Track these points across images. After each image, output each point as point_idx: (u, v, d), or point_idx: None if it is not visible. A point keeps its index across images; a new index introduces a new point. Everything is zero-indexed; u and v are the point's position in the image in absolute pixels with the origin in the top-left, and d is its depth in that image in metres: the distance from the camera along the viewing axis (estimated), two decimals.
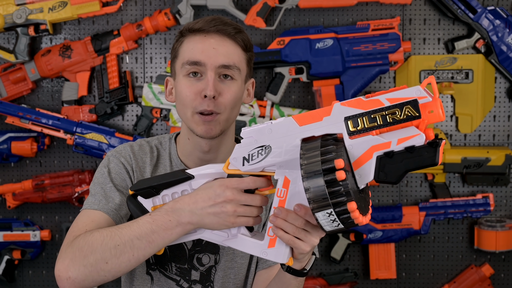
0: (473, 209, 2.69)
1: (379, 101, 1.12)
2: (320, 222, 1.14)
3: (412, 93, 1.11)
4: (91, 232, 1.33)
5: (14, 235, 2.74)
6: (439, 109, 1.10)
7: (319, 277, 2.77)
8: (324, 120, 1.17)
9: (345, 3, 2.62)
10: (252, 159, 1.23)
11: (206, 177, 1.31)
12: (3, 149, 2.72)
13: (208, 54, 1.44)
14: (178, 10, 2.59)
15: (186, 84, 1.46)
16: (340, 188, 1.11)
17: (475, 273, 2.75)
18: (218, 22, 1.46)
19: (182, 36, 1.50)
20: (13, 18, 2.62)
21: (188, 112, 1.46)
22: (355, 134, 1.14)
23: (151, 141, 1.59)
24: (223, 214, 1.25)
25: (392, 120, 1.11)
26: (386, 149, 1.11)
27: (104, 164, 1.53)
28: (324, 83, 2.62)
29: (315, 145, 1.14)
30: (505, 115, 2.75)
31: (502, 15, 2.63)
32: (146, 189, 1.33)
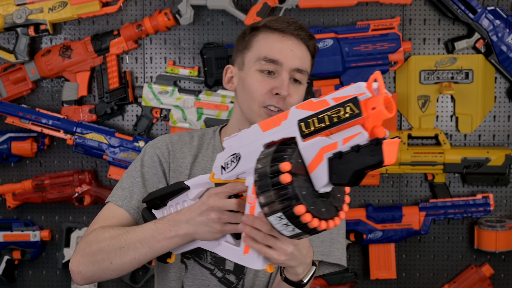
0: (473, 209, 2.69)
1: (326, 101, 1.10)
2: (275, 227, 1.13)
3: (353, 91, 1.07)
4: (103, 230, 1.43)
5: (14, 235, 2.74)
6: (381, 105, 1.03)
7: (319, 277, 2.77)
8: (282, 125, 1.17)
9: (345, 3, 2.62)
10: (227, 167, 1.26)
11: (199, 187, 1.36)
12: (3, 149, 2.72)
13: (286, 54, 1.49)
14: (178, 10, 2.59)
15: (259, 79, 1.50)
16: (286, 191, 1.09)
17: (475, 273, 2.75)
18: (297, 26, 1.51)
19: (257, 30, 1.53)
20: (13, 18, 2.62)
21: (255, 105, 1.50)
22: (308, 137, 1.11)
23: (193, 132, 1.63)
24: (210, 222, 1.28)
25: (337, 119, 1.07)
26: (334, 150, 1.08)
27: (141, 155, 1.58)
28: (324, 83, 2.62)
29: (270, 150, 1.14)
30: (505, 115, 2.75)
31: (502, 15, 2.63)
32: (152, 201, 1.40)
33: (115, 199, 1.52)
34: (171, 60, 2.72)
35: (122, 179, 1.56)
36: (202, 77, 2.68)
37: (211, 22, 2.72)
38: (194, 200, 1.39)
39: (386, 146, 1.04)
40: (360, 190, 2.78)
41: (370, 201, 2.78)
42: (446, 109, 2.74)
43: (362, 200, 2.78)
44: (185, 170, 1.56)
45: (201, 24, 2.72)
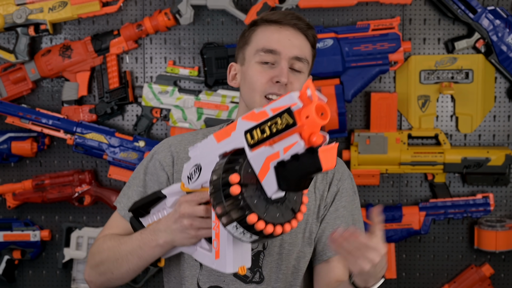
0: (473, 209, 2.69)
1: (265, 112, 1.14)
2: (234, 235, 1.19)
3: (287, 101, 1.11)
4: (103, 242, 1.54)
5: (14, 235, 2.74)
6: (313, 113, 1.08)
7: None
8: (232, 136, 1.21)
9: (345, 3, 2.62)
10: (192, 177, 1.32)
11: (174, 195, 1.42)
12: (3, 149, 2.71)
13: (284, 44, 1.51)
14: (178, 10, 2.59)
15: (259, 70, 1.52)
16: (238, 202, 1.14)
17: (475, 273, 2.75)
18: (294, 16, 1.53)
19: (256, 25, 1.56)
20: (13, 18, 2.62)
21: (257, 96, 1.52)
22: (254, 146, 1.15)
23: (198, 131, 1.66)
24: (183, 228, 1.35)
25: (276, 130, 1.11)
26: (277, 158, 1.13)
27: (145, 160, 1.62)
28: (324, 83, 2.62)
29: (222, 161, 1.19)
30: (505, 115, 2.75)
31: (502, 15, 2.63)
32: (137, 209, 1.49)
33: (120, 209, 1.60)
34: (171, 60, 2.72)
35: (129, 186, 1.62)
36: (202, 77, 2.68)
37: (211, 22, 2.72)
38: (171, 208, 1.44)
39: (322, 153, 1.10)
40: (360, 190, 2.77)
41: (370, 201, 2.78)
42: (446, 109, 2.74)
43: (362, 200, 2.78)
44: None
45: (201, 24, 2.72)
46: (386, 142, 2.67)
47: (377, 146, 2.66)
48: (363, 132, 2.68)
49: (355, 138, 2.67)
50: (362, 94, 2.74)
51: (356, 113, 2.76)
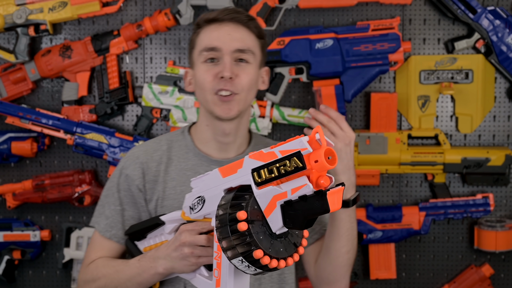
0: (473, 209, 2.69)
1: (274, 153, 1.20)
2: (239, 268, 1.23)
3: (296, 145, 1.17)
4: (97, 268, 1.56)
5: (14, 235, 2.74)
6: (322, 158, 1.14)
7: None
8: (238, 172, 1.26)
9: (345, 3, 2.62)
10: (194, 208, 1.37)
11: (173, 222, 1.47)
12: (3, 149, 2.72)
13: (224, 39, 1.52)
14: (178, 10, 2.59)
15: (204, 69, 1.55)
16: (244, 238, 1.20)
17: (475, 273, 2.75)
18: (231, 11, 1.55)
19: (198, 28, 1.58)
20: (13, 18, 2.62)
21: (208, 95, 1.54)
22: (261, 185, 1.20)
23: (159, 137, 1.66)
24: (184, 256, 1.39)
25: (284, 171, 1.16)
26: (284, 198, 1.18)
27: (115, 178, 1.62)
28: (324, 83, 2.62)
29: (229, 197, 1.24)
30: (505, 115, 2.75)
31: (502, 15, 2.63)
32: (134, 234, 1.53)
33: (102, 231, 1.60)
34: (171, 60, 2.72)
35: (103, 205, 1.62)
36: None
37: None
38: (170, 234, 1.49)
39: (330, 196, 1.16)
40: (360, 190, 2.78)
41: (370, 201, 2.78)
42: (446, 109, 2.74)
43: (362, 200, 2.78)
44: (161, 177, 1.60)
45: None
46: (386, 142, 2.67)
47: (377, 146, 2.66)
48: (363, 132, 2.68)
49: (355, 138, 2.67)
50: (362, 94, 2.74)
51: (356, 113, 2.76)
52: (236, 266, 1.23)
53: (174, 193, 1.59)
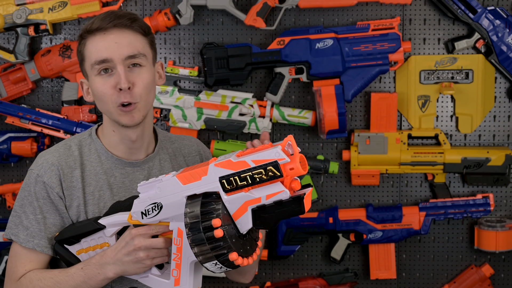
0: (473, 209, 2.68)
1: (246, 162, 1.27)
2: (209, 269, 1.32)
3: (272, 155, 1.25)
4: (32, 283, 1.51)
5: None
6: (298, 165, 1.24)
7: (319, 277, 2.77)
8: (202, 180, 1.32)
9: (345, 3, 2.62)
10: (148, 213, 1.41)
11: (115, 226, 1.50)
12: (3, 149, 2.71)
13: (112, 49, 1.51)
14: (178, 10, 2.59)
15: (100, 82, 1.53)
16: (220, 244, 1.27)
17: (475, 273, 2.75)
18: (112, 17, 1.52)
19: (83, 39, 1.55)
20: (13, 18, 2.62)
21: (110, 107, 1.54)
22: (230, 191, 1.29)
23: (67, 142, 1.64)
24: (139, 260, 1.43)
25: (259, 179, 1.25)
26: (258, 203, 1.27)
27: (30, 188, 1.57)
28: (324, 83, 2.62)
29: (196, 204, 1.30)
30: (505, 115, 2.75)
31: (502, 15, 2.63)
32: (67, 239, 1.53)
33: (24, 241, 1.55)
34: (171, 60, 2.72)
35: (19, 216, 1.58)
36: (202, 77, 2.68)
37: (211, 22, 2.72)
38: (111, 237, 1.51)
39: (305, 200, 1.27)
40: (360, 190, 2.78)
41: (370, 201, 2.78)
42: (446, 109, 2.74)
43: (362, 200, 2.78)
44: (77, 183, 1.58)
45: (201, 24, 2.72)
46: (386, 142, 2.67)
47: (377, 146, 2.66)
48: (363, 132, 2.68)
49: (355, 138, 2.67)
50: (362, 94, 2.74)
51: (356, 113, 2.75)
52: (206, 268, 1.31)
53: (93, 198, 1.58)
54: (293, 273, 2.82)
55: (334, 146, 2.77)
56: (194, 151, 1.76)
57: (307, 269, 2.82)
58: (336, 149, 2.77)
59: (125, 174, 1.61)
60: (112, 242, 1.52)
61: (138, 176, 1.62)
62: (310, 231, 2.72)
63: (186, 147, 1.76)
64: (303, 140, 2.77)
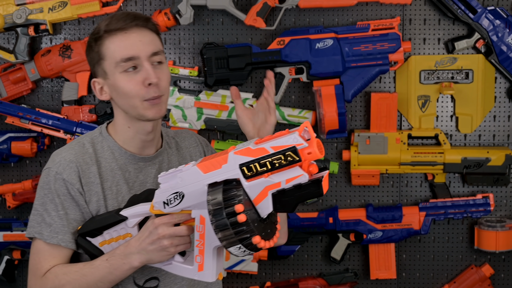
0: (473, 209, 2.68)
1: (265, 149, 1.32)
2: (233, 253, 1.37)
3: (290, 141, 1.30)
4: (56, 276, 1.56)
5: (14, 235, 2.74)
6: (315, 149, 1.29)
7: (319, 277, 2.77)
8: (223, 168, 1.37)
9: (345, 3, 2.62)
10: (170, 203, 1.46)
11: (137, 216, 1.55)
12: (3, 149, 2.71)
13: (138, 47, 1.58)
14: (178, 10, 2.59)
15: (126, 79, 1.59)
16: (243, 228, 1.32)
17: (475, 273, 2.75)
18: (131, 17, 1.60)
19: (100, 39, 1.60)
20: (13, 18, 2.62)
21: (136, 102, 1.60)
22: (250, 178, 1.34)
23: (81, 140, 1.69)
24: (163, 248, 1.48)
25: (278, 164, 1.30)
26: (278, 188, 1.32)
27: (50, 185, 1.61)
28: (324, 83, 2.62)
29: (218, 191, 1.35)
30: (505, 115, 2.75)
31: (502, 15, 2.63)
32: (90, 232, 1.58)
33: (48, 238, 1.59)
34: (171, 60, 2.72)
35: (41, 214, 1.62)
36: (202, 77, 2.68)
37: (211, 22, 2.72)
38: (133, 228, 1.56)
39: (323, 182, 1.32)
40: (360, 190, 2.78)
41: (370, 201, 2.78)
42: (446, 109, 2.74)
43: (362, 200, 2.78)
44: (95, 179, 1.63)
45: (201, 24, 2.72)
46: (386, 142, 2.67)
47: (377, 146, 2.66)
48: (363, 132, 2.68)
49: (355, 138, 2.67)
50: (362, 94, 2.74)
51: (356, 113, 2.75)
52: (230, 252, 1.35)
53: (111, 193, 1.64)
54: (293, 273, 2.82)
55: (334, 146, 2.77)
56: (194, 142, 1.85)
57: (307, 269, 2.82)
58: (336, 149, 2.77)
59: (138, 169, 1.67)
60: (134, 233, 1.56)
61: (150, 170, 1.68)
62: (310, 231, 2.72)
63: (185, 139, 1.84)
64: None
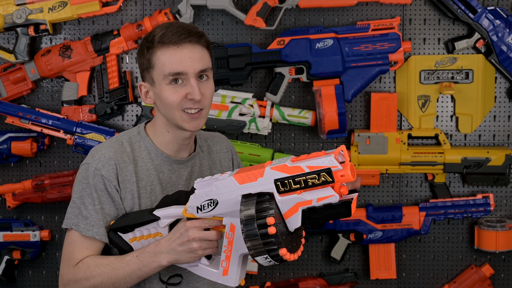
0: (473, 209, 2.68)
1: (301, 167, 1.41)
2: (259, 262, 1.44)
3: (326, 162, 1.39)
4: (88, 268, 1.63)
5: (14, 235, 2.74)
6: (348, 172, 1.38)
7: (319, 277, 2.77)
8: (258, 181, 1.45)
9: (345, 3, 2.62)
10: (203, 209, 1.54)
11: (169, 217, 1.62)
12: (3, 149, 2.71)
13: (187, 64, 1.64)
14: (178, 10, 2.59)
15: (171, 91, 1.65)
16: (272, 240, 1.39)
17: (475, 273, 2.75)
18: (185, 32, 1.65)
19: (152, 48, 1.66)
20: (13, 18, 2.62)
21: (176, 113, 1.66)
22: (283, 193, 1.42)
23: (119, 138, 1.75)
24: (192, 250, 1.56)
25: (312, 183, 1.39)
26: (308, 205, 1.41)
27: (89, 180, 1.68)
28: (324, 83, 2.62)
29: (251, 202, 1.43)
30: (505, 115, 2.74)
31: (502, 15, 2.63)
32: (122, 227, 1.65)
33: (84, 230, 1.66)
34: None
35: (79, 207, 1.69)
36: None
37: (211, 22, 2.72)
38: (164, 228, 1.63)
39: (352, 204, 1.41)
40: (360, 190, 2.78)
41: (370, 201, 2.78)
42: (446, 109, 2.74)
43: (362, 200, 2.78)
44: (131, 177, 1.69)
45: (201, 24, 2.72)
46: (386, 142, 2.67)
47: (377, 146, 2.66)
48: (363, 132, 2.68)
49: (355, 138, 2.67)
50: (362, 94, 2.74)
51: (356, 113, 2.75)
52: (257, 261, 1.42)
53: (145, 192, 1.70)
54: (293, 273, 2.82)
55: (334, 146, 2.76)
56: (225, 147, 1.91)
57: (307, 269, 2.82)
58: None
59: (171, 170, 1.74)
60: (164, 233, 1.63)
61: (183, 173, 1.75)
62: (310, 231, 2.72)
63: (217, 143, 1.90)
64: (303, 140, 2.77)
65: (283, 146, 2.77)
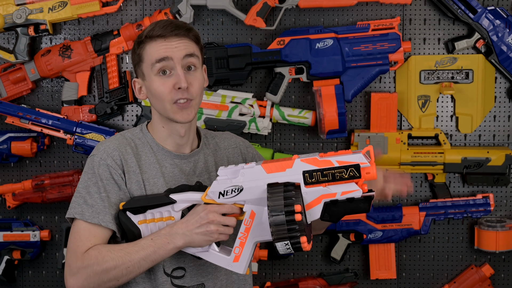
0: (473, 209, 2.68)
1: (331, 161, 1.50)
2: (278, 248, 1.48)
3: (356, 159, 1.49)
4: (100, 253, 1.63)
5: (14, 235, 2.74)
6: (374, 170, 1.50)
7: (319, 277, 2.77)
8: (286, 171, 1.53)
9: (345, 3, 2.62)
10: (226, 194, 1.59)
11: (186, 202, 1.65)
12: (3, 149, 2.71)
13: (172, 50, 1.68)
14: (178, 10, 2.59)
15: (159, 82, 1.69)
16: (296, 226, 1.45)
17: (475, 273, 2.75)
18: (173, 26, 1.70)
19: (143, 43, 1.71)
20: (13, 18, 2.62)
21: (166, 105, 1.70)
22: (309, 184, 1.51)
23: (123, 134, 1.79)
24: (208, 233, 1.59)
25: (339, 177, 1.49)
26: (332, 198, 1.50)
27: (94, 170, 1.71)
28: (324, 83, 2.62)
29: (279, 190, 1.49)
30: (505, 115, 2.75)
31: (502, 15, 2.63)
32: (134, 208, 1.65)
33: (89, 218, 1.67)
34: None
35: (83, 196, 1.69)
36: None
37: (211, 22, 2.72)
38: (177, 213, 1.66)
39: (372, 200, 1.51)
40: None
41: None
42: (446, 109, 2.74)
43: None
44: (136, 168, 1.72)
45: (201, 24, 2.72)
46: (386, 142, 2.67)
47: (377, 146, 2.66)
48: (363, 132, 2.68)
49: (355, 138, 2.67)
50: (362, 94, 2.74)
51: (356, 113, 2.75)
52: (277, 246, 1.47)
53: (149, 184, 1.72)
54: (293, 273, 2.82)
55: (334, 146, 2.77)
56: (233, 143, 1.93)
57: (307, 269, 2.82)
58: (336, 149, 2.76)
59: (174, 165, 1.76)
60: (177, 217, 1.66)
61: (185, 168, 1.77)
62: None
63: (225, 140, 1.92)
64: (303, 140, 2.77)
65: (283, 146, 2.77)
